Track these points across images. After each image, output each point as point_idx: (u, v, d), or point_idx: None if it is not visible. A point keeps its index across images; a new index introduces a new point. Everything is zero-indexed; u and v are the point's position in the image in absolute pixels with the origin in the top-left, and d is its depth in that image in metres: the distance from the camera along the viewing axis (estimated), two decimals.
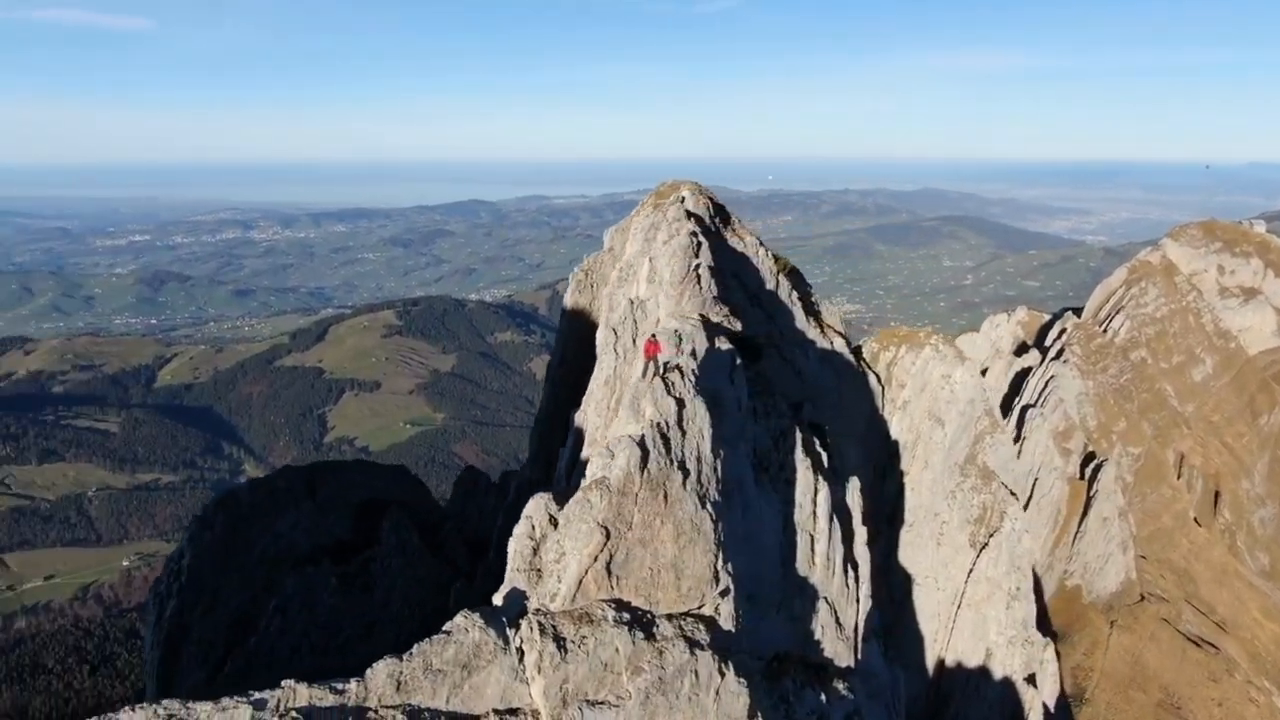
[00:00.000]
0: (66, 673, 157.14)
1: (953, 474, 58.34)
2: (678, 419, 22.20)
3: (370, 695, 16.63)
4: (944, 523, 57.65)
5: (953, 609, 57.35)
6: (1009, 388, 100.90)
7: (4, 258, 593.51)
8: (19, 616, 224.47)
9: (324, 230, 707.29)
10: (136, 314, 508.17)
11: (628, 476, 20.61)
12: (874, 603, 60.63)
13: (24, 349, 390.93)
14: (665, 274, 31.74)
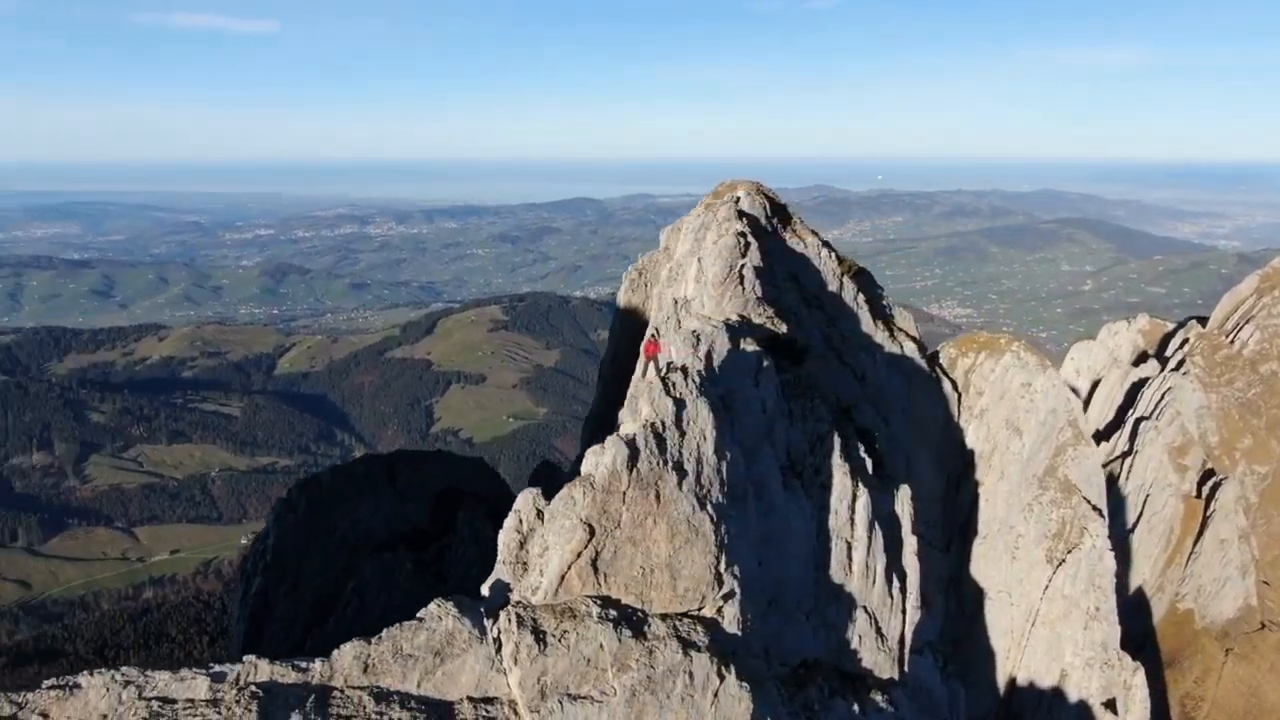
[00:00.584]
0: (188, 642, 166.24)
1: (1030, 486, 56.22)
2: (676, 419, 22.23)
3: (336, 675, 17.32)
4: (1020, 536, 55.64)
5: (1026, 626, 55.34)
6: (1124, 399, 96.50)
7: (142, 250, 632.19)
8: (147, 587, 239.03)
9: (436, 226, 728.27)
10: (260, 304, 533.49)
11: (613, 475, 20.81)
12: (943, 616, 59.15)
13: (158, 335, 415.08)
14: (709, 274, 31.71)
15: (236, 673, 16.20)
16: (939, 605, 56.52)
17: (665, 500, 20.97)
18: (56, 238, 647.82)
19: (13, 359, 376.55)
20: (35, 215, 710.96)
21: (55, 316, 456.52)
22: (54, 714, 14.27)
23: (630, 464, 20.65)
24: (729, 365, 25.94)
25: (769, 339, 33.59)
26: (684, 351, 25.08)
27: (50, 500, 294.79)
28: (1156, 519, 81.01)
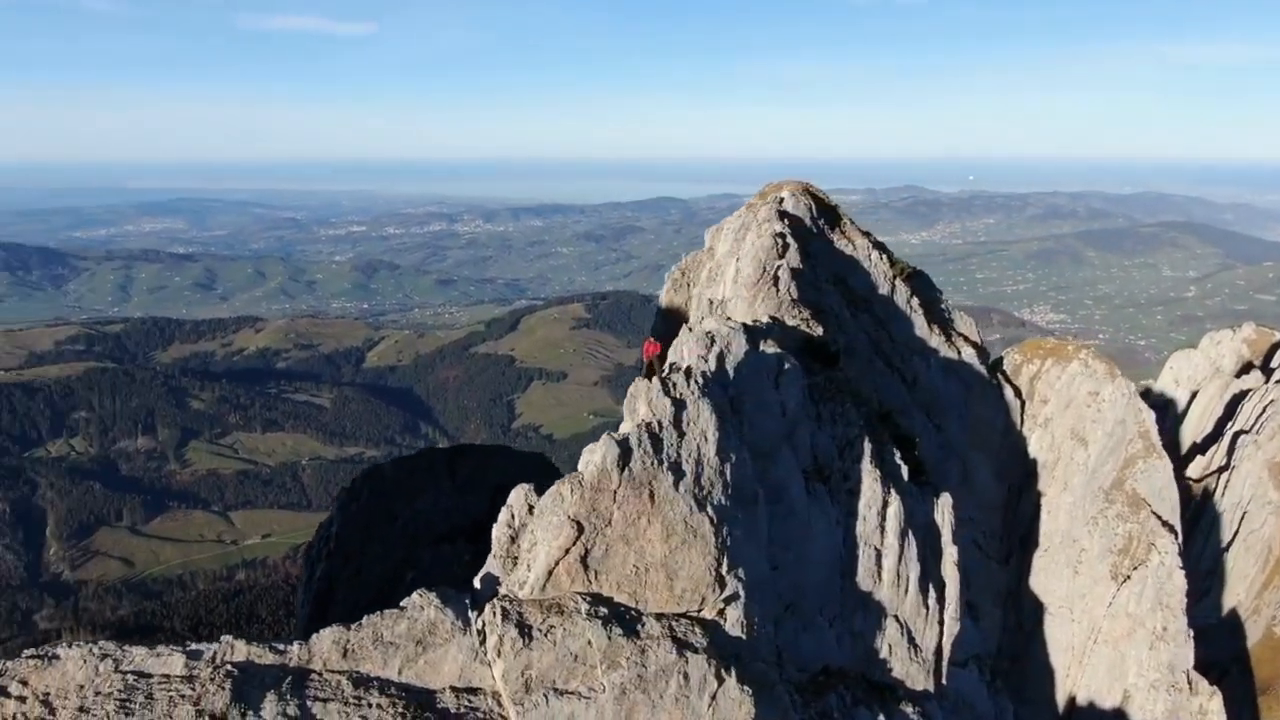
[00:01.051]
0: (276, 624, 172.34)
1: (1096, 499, 54.23)
2: (674, 420, 22.22)
3: (314, 659, 17.88)
4: (1083, 550, 53.75)
5: (1088, 644, 53.41)
6: (1224, 411, 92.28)
7: (243, 244, 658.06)
8: (240, 569, 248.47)
9: (522, 224, 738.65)
10: (351, 299, 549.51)
11: (603, 473, 20.94)
12: (1000, 630, 57.56)
13: (255, 327, 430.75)
14: (742, 275, 31.60)
15: (213, 651, 16.91)
16: (995, 618, 55.04)
17: (660, 500, 21.02)
18: (164, 232, 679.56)
19: (121, 347, 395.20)
20: (145, 211, 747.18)
21: (161, 307, 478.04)
22: (33, 682, 15.19)
23: (622, 463, 20.77)
24: (744, 367, 25.82)
25: (803, 341, 33.27)
26: (697, 352, 25.08)
27: (153, 483, 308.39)
28: (1253, 537, 77.26)
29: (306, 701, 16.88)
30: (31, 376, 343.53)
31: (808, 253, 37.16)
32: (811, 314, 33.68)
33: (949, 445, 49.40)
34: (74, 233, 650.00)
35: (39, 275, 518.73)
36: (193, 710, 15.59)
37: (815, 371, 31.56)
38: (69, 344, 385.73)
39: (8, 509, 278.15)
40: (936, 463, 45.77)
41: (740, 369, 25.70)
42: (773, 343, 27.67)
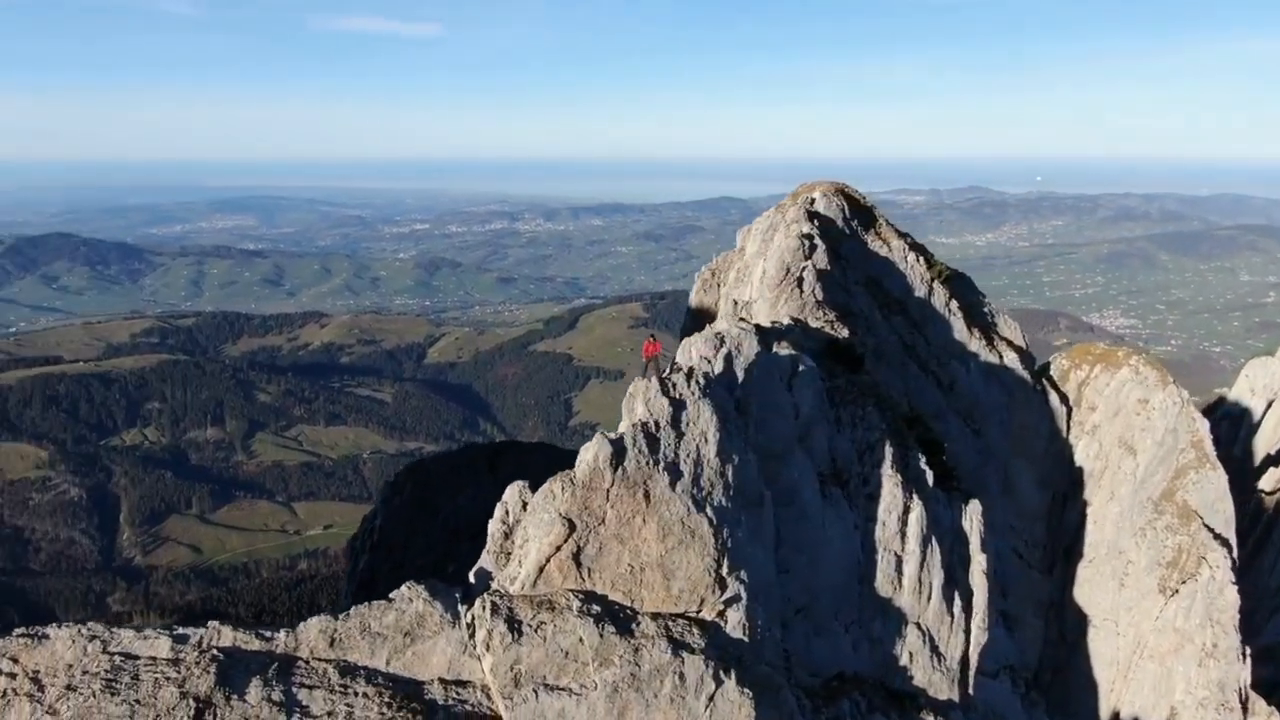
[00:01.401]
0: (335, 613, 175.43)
1: (1144, 509, 52.65)
2: (671, 420, 22.23)
3: (301, 646, 18.30)
4: (1129, 562, 52.24)
5: (1133, 658, 51.88)
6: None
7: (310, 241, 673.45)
8: (302, 559, 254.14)
9: (582, 223, 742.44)
10: (414, 295, 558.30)
11: (594, 472, 21.04)
12: (1041, 641, 56.26)
13: (320, 322, 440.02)
14: (766, 275, 31.47)
15: (199, 636, 17.44)
16: (1037, 629, 53.85)
17: (656, 500, 21.07)
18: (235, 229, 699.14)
19: (193, 340, 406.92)
20: (218, 208, 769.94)
21: (231, 302, 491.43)
22: (23, 660, 15.87)
23: (615, 462, 20.87)
24: (755, 369, 25.72)
25: (827, 343, 33.00)
26: (705, 353, 25.05)
27: (221, 473, 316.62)
28: None
29: (292, 688, 17.35)
30: (109, 368, 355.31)
31: (838, 254, 36.81)
32: (837, 316, 33.36)
33: (989, 451, 48.47)
34: (151, 229, 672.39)
35: (117, 270, 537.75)
36: (177, 692, 16.15)
37: (837, 374, 31.28)
38: (144, 337, 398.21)
39: (85, 495, 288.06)
40: (973, 469, 44.98)
41: (751, 370, 25.61)
42: (787, 344, 27.50)
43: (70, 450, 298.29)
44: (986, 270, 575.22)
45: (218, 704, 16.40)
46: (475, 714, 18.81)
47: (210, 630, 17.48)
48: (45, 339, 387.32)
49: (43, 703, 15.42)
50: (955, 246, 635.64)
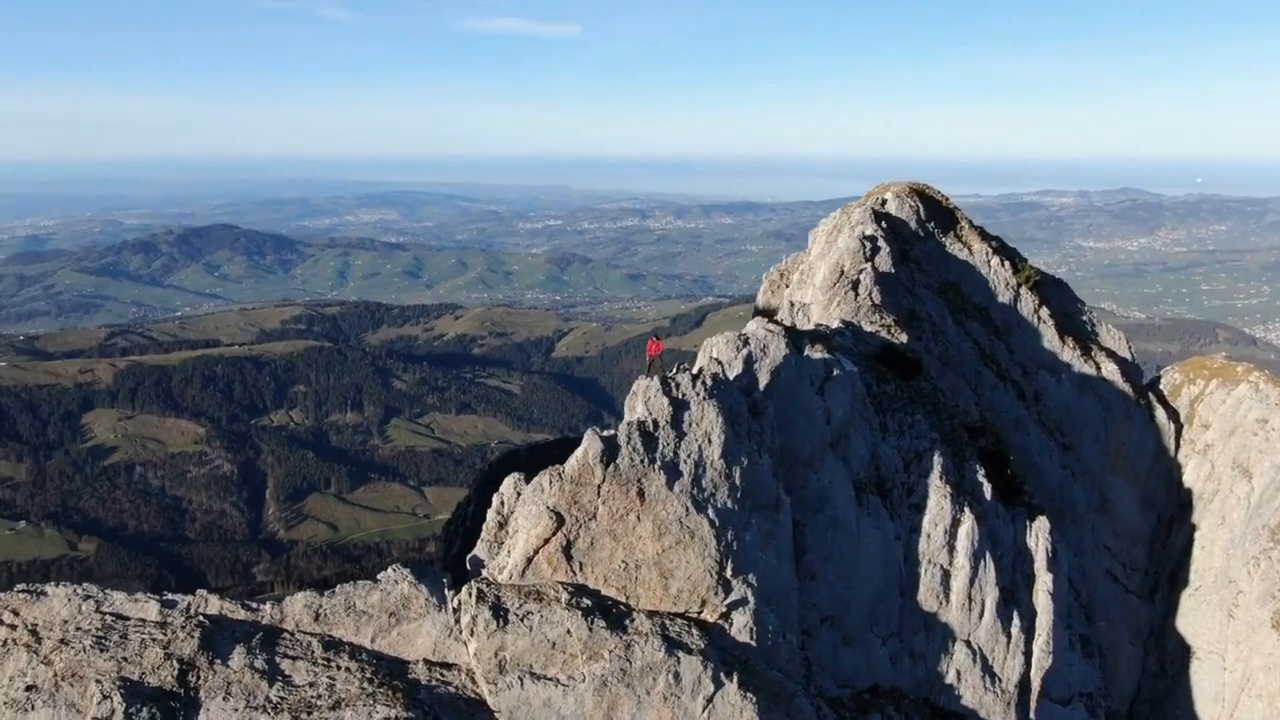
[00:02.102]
0: None
1: (1258, 537, 48.85)
2: (672, 420, 22.19)
3: (287, 619, 19.26)
4: (1240, 593, 48.61)
5: (1239, 695, 48.28)
6: None
7: (448, 235, 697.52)
8: (430, 541, 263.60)
9: (712, 221, 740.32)
10: (544, 290, 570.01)
11: (584, 467, 21.27)
12: (1140, 671, 53.11)
13: (455, 314, 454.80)
14: (819, 278, 31.04)
15: (188, 603, 18.68)
16: (1133, 658, 50.90)
17: (651, 499, 21.18)
18: (380, 223, 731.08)
19: (337, 328, 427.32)
20: (364, 203, 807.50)
21: (373, 293, 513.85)
22: (23, 613, 17.42)
23: (605, 459, 21.08)
24: (782, 371, 25.42)
25: (881, 348, 32.20)
26: (725, 353, 24.94)
27: (358, 455, 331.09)
28: None
29: (275, 657, 18.40)
30: (261, 351, 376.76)
31: (907, 257, 35.81)
32: (896, 320, 32.51)
33: (1082, 467, 46.12)
34: (303, 222, 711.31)
35: (271, 260, 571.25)
36: (162, 653, 17.41)
37: (887, 380, 30.51)
38: (293, 323, 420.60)
39: (236, 470, 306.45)
40: (1058, 485, 42.94)
41: (777, 373, 25.34)
42: (821, 348, 27.04)
43: (224, 428, 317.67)
44: (1138, 277, 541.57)
45: (201, 667, 17.62)
46: (459, 696, 19.47)
47: (198, 598, 18.77)
48: (206, 323, 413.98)
49: (39, 653, 16.99)
50: (1105, 251, 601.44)
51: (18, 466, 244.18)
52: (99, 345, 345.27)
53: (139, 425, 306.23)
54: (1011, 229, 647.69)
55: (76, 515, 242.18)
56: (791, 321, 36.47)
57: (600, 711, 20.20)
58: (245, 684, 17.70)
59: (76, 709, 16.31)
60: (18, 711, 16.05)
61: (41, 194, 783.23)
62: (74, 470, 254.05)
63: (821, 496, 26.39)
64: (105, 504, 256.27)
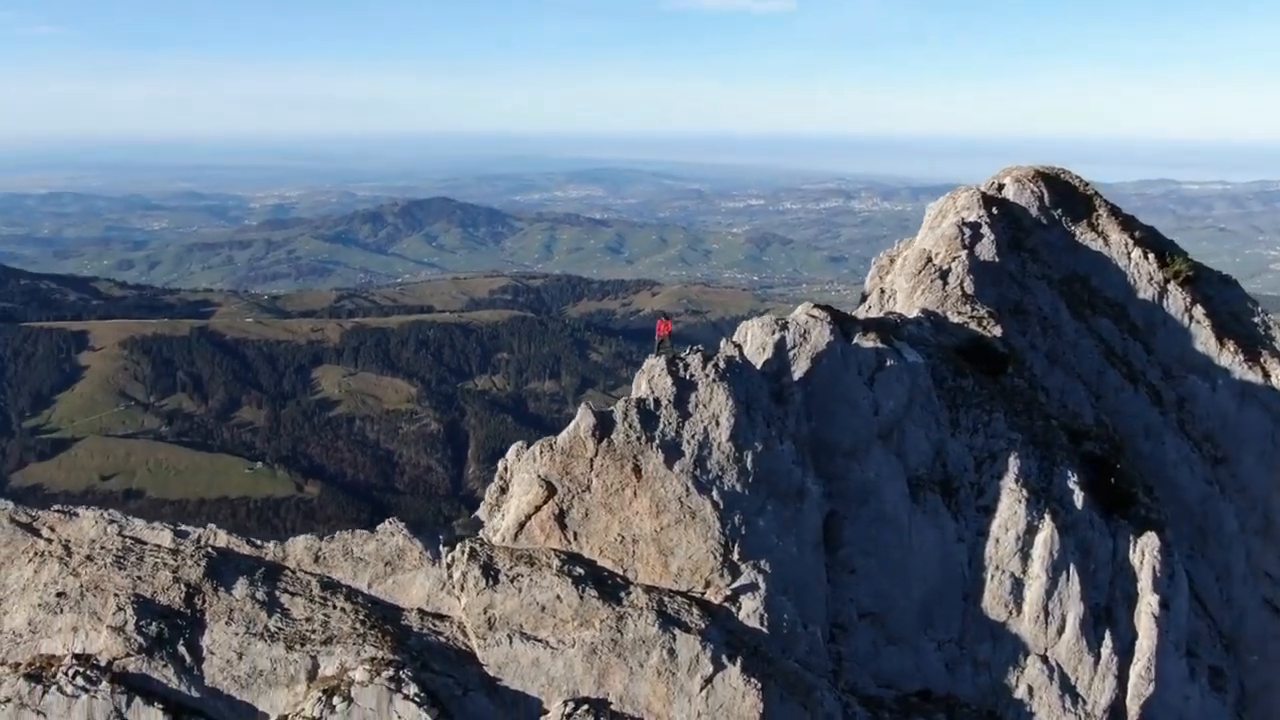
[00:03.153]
0: None
1: None
2: (675, 399, 22.14)
3: (289, 558, 20.91)
4: None
5: None
6: None
7: (650, 213, 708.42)
8: None
9: (921, 204, 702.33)
10: (742, 270, 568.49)
11: (575, 440, 21.63)
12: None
13: (652, 291, 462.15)
14: (907, 265, 29.97)
15: (198, 534, 20.74)
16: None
17: (648, 476, 21.39)
18: (586, 199, 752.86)
19: (540, 300, 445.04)
20: (572, 179, 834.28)
21: (576, 267, 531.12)
22: (58, 530, 20.02)
23: (599, 433, 21.44)
24: (824, 358, 24.84)
25: (969, 341, 30.55)
26: (760, 337, 24.63)
27: (553, 423, 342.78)
28: None
29: (276, 591, 20.25)
30: (469, 319, 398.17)
31: (1020, 246, 33.67)
32: (991, 313, 30.77)
33: (1237, 484, 41.75)
34: (514, 196, 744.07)
35: (484, 232, 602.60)
36: (171, 576, 19.60)
37: (965, 375, 28.99)
38: (500, 294, 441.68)
39: (442, 429, 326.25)
40: (1199, 500, 39.16)
41: (819, 360, 24.81)
42: (874, 337, 26.14)
43: (434, 389, 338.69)
44: None
45: (205, 592, 19.74)
46: (450, 647, 20.68)
47: (208, 531, 20.91)
48: (422, 290, 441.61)
49: (69, 566, 19.61)
50: None
51: (258, 413, 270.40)
52: (329, 307, 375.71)
53: (360, 382, 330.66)
54: (1266, 220, 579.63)
55: (304, 460, 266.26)
56: (881, 309, 35.24)
57: (591, 678, 20.88)
58: (246, 612, 19.74)
59: (97, 616, 18.86)
60: (49, 613, 18.81)
61: (289, 167, 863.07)
62: (303, 419, 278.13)
63: (865, 489, 25.63)
64: (329, 452, 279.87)
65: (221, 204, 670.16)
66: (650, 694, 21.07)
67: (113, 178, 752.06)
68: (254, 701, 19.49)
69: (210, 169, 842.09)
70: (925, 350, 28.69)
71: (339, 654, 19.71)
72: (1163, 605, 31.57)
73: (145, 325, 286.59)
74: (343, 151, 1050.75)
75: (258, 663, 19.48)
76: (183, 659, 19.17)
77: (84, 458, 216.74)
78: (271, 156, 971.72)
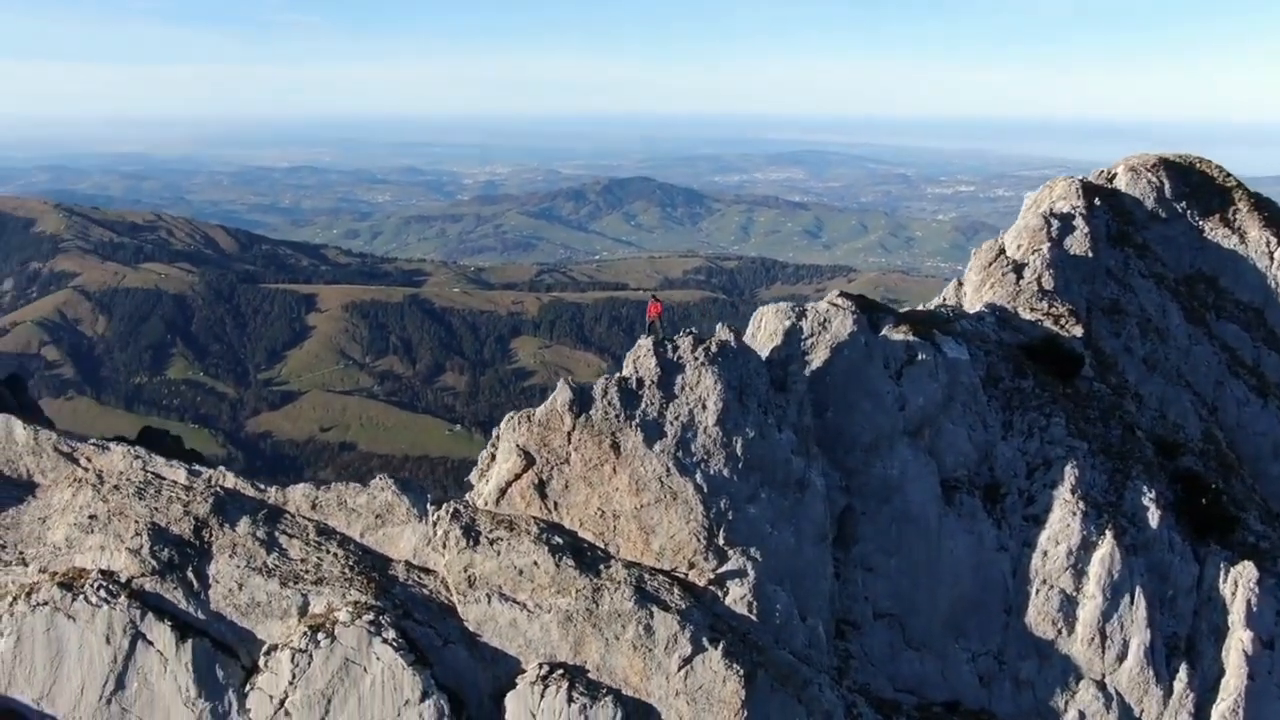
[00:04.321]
0: None
1: None
2: (660, 381, 21.99)
3: (289, 503, 22.51)
4: None
5: None
6: None
7: (852, 197, 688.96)
8: None
9: None
10: (947, 258, 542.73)
11: (552, 413, 21.89)
12: None
13: (848, 276, 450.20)
14: (979, 257, 28.52)
15: (209, 475, 22.74)
16: None
17: (627, 454, 21.56)
18: (786, 181, 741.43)
19: (733, 282, 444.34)
20: (773, 161, 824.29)
21: (771, 249, 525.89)
22: (94, 460, 22.61)
23: (575, 409, 21.74)
24: (844, 349, 24.08)
25: (1041, 340, 28.47)
26: (772, 323, 24.14)
27: None
28: None
29: (275, 532, 22.10)
30: (662, 298, 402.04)
31: (1127, 240, 30.93)
32: (1073, 311, 28.63)
33: None
34: (714, 177, 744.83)
35: (681, 213, 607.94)
36: (182, 509, 21.81)
37: (1025, 375, 27.14)
38: (694, 274, 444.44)
39: None
40: None
41: (840, 350, 24.09)
42: (907, 329, 25.02)
43: None
44: None
45: (212, 526, 21.83)
46: (433, 600, 21.88)
47: (218, 473, 22.96)
48: (618, 268, 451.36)
49: (100, 492, 22.19)
50: None
51: (459, 378, 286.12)
52: (529, 280, 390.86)
53: (554, 354, 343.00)
54: None
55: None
56: (957, 301, 33.34)
57: (567, 644, 21.57)
58: (247, 548, 21.75)
59: (120, 539, 21.39)
60: (82, 532, 21.57)
61: (500, 145, 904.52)
62: (500, 387, 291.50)
63: (888, 486, 24.68)
64: None
65: (438, 179, 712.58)
66: (627, 667, 21.50)
67: (345, 153, 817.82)
68: (252, 629, 21.60)
69: (430, 146, 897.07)
70: (982, 347, 27.15)
71: (327, 595, 21.47)
72: (1262, 643, 28.60)
73: (365, 291, 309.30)
74: (550, 131, 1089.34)
75: (255, 595, 21.56)
76: (191, 584, 21.54)
77: (307, 410, 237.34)
78: (485, 135, 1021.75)
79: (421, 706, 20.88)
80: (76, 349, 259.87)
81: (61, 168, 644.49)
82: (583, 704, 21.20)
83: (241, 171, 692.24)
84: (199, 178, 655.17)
